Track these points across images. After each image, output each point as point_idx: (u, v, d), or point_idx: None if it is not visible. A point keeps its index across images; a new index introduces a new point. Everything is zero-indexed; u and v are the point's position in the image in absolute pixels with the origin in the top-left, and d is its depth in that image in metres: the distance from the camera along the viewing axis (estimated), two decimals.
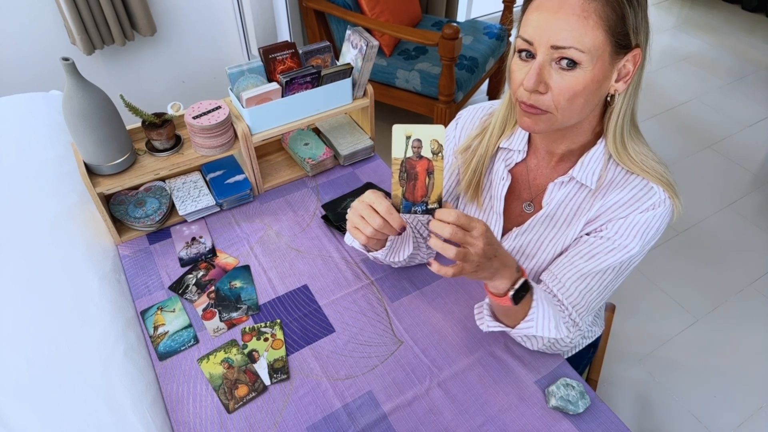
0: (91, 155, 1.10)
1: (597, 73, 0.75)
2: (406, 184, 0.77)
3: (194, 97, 2.61)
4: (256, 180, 1.31)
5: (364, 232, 0.84)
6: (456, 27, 1.97)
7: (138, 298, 1.10)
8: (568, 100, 0.77)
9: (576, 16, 0.71)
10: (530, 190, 0.98)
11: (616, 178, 0.89)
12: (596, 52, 0.73)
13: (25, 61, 2.20)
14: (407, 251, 1.02)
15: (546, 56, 0.75)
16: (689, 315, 1.93)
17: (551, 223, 0.94)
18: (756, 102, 2.97)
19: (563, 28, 0.72)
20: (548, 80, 0.76)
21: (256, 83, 1.23)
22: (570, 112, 0.79)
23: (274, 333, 1.03)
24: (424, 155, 0.76)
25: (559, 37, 0.72)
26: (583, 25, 0.72)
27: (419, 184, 0.77)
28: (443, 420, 0.90)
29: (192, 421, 0.90)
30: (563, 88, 0.76)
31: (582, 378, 0.96)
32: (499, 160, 0.98)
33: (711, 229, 2.25)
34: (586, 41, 0.72)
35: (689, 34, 3.60)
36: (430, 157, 0.75)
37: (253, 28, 2.52)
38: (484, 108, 1.04)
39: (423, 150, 0.76)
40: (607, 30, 0.73)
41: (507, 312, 0.87)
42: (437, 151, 0.75)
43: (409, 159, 0.76)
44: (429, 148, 0.75)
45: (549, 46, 0.74)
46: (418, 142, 0.75)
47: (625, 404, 1.69)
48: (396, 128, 0.75)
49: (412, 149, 0.76)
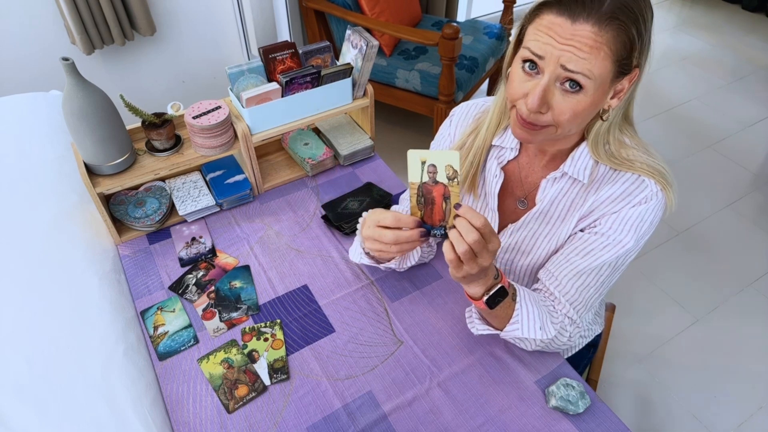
0: (91, 155, 1.10)
1: (597, 97, 0.77)
2: (424, 208, 0.78)
3: (194, 97, 2.61)
4: (256, 180, 1.31)
5: (391, 252, 0.84)
6: (456, 27, 1.97)
7: (138, 298, 1.10)
8: (569, 120, 0.78)
9: (588, 48, 0.72)
10: (523, 187, 0.99)
11: (608, 173, 0.90)
12: (601, 79, 0.75)
13: (25, 61, 2.20)
14: (417, 255, 1.03)
15: (552, 76, 0.75)
16: (689, 315, 1.93)
17: (545, 219, 0.95)
18: (756, 102, 2.97)
19: (575, 55, 0.72)
20: (551, 100, 0.77)
21: (256, 83, 1.23)
22: (569, 128, 0.80)
23: (274, 333, 1.03)
24: (439, 180, 0.76)
25: (570, 61, 0.73)
26: (595, 56, 0.72)
27: (437, 209, 0.78)
28: (443, 420, 0.90)
29: (192, 421, 0.90)
30: (564, 110, 0.77)
31: (582, 378, 0.96)
32: (491, 158, 0.99)
33: (711, 229, 2.25)
34: (595, 70, 0.73)
35: (689, 34, 3.60)
36: (446, 183, 0.76)
37: (253, 28, 2.52)
38: (477, 105, 1.04)
39: (438, 175, 0.76)
40: (614, 61, 0.74)
41: (491, 315, 0.89)
42: (452, 176, 0.75)
43: (425, 184, 0.77)
44: (444, 173, 0.75)
45: (559, 65, 0.74)
46: (433, 167, 0.75)
47: (625, 404, 1.69)
48: (411, 153, 0.76)
49: (428, 174, 0.76)
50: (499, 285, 0.83)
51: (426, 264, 1.15)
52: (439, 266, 1.15)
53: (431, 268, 1.15)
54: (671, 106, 2.93)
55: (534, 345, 0.93)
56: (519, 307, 0.87)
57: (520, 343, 0.94)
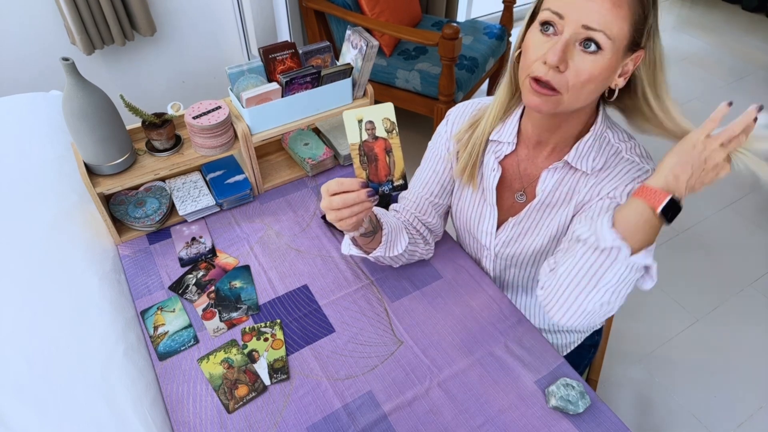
0: (91, 155, 1.10)
1: (613, 63, 0.77)
2: (368, 166, 0.79)
3: (194, 97, 2.62)
4: (256, 180, 1.31)
5: (345, 219, 0.82)
6: (456, 27, 1.97)
7: (138, 298, 1.10)
8: (583, 83, 0.77)
9: (611, 3, 0.72)
10: (521, 180, 0.99)
11: (608, 162, 0.91)
12: (618, 42, 0.75)
13: (25, 61, 2.20)
14: (403, 242, 1.02)
15: (573, 34, 0.75)
16: (689, 315, 1.93)
17: (546, 208, 0.96)
18: (756, 102, 2.95)
19: (597, 11, 0.73)
20: (570, 59, 0.76)
21: (256, 83, 1.23)
22: (578, 95, 0.79)
23: (274, 333, 1.03)
24: (379, 135, 0.77)
25: (592, 18, 0.73)
26: (616, 13, 0.73)
27: (381, 164, 0.79)
28: (443, 420, 0.90)
29: (192, 421, 0.90)
30: (581, 70, 0.76)
31: (582, 378, 0.96)
32: (489, 153, 0.99)
33: (711, 229, 2.25)
34: (614, 29, 0.73)
35: (689, 34, 3.60)
36: (385, 136, 0.77)
37: (253, 28, 2.52)
38: (473, 104, 1.04)
39: (377, 130, 0.77)
40: (632, 24, 0.74)
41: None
42: (390, 129, 0.77)
43: (365, 142, 0.78)
44: (382, 127, 0.77)
45: (580, 24, 0.74)
46: (371, 124, 0.77)
47: (625, 404, 1.69)
48: (346, 114, 0.77)
49: (366, 132, 0.77)
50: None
51: (426, 264, 1.15)
52: (439, 266, 1.15)
53: (431, 268, 1.15)
54: None
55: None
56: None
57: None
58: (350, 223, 0.83)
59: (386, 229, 0.98)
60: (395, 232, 1.01)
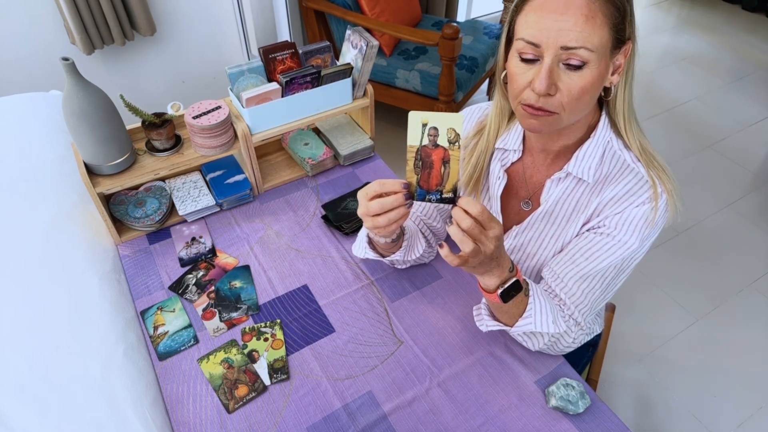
0: (91, 155, 1.10)
1: (602, 70, 0.76)
2: (420, 172, 0.76)
3: (194, 97, 2.61)
4: (256, 180, 1.31)
5: (382, 226, 0.80)
6: (456, 27, 1.97)
7: (138, 298, 1.10)
8: (577, 99, 0.77)
9: (584, 17, 0.71)
10: (527, 188, 0.98)
11: (612, 172, 0.89)
12: (602, 50, 0.74)
13: (25, 61, 2.20)
14: (421, 246, 1.02)
15: (554, 58, 0.74)
16: (689, 315, 1.93)
17: (551, 219, 0.95)
18: (756, 102, 2.97)
19: (572, 29, 0.72)
20: (557, 81, 0.76)
21: (256, 83, 1.23)
22: (576, 109, 0.79)
23: (274, 333, 1.03)
24: (440, 144, 0.74)
25: (569, 38, 0.72)
26: (592, 24, 0.72)
27: (434, 173, 0.75)
28: (443, 420, 0.90)
29: (192, 421, 0.90)
30: (572, 88, 0.76)
31: (582, 378, 0.96)
32: (495, 160, 0.99)
33: (711, 229, 2.25)
34: (594, 40, 0.72)
35: (689, 34, 3.60)
36: (447, 146, 0.73)
37: (253, 28, 2.52)
38: (481, 108, 1.04)
39: (439, 138, 0.74)
40: (611, 27, 0.74)
41: (503, 310, 0.88)
42: (454, 140, 0.73)
43: (424, 147, 0.74)
44: (445, 136, 0.73)
45: (558, 47, 0.73)
46: (435, 130, 0.73)
47: (625, 404, 1.69)
48: (412, 115, 0.73)
49: (428, 137, 0.74)
50: (514, 278, 0.82)
51: (426, 264, 1.15)
52: (439, 266, 1.15)
53: (431, 268, 1.15)
54: (671, 106, 2.92)
55: (541, 343, 0.93)
56: (532, 300, 0.86)
57: (528, 341, 0.94)
58: (388, 231, 0.82)
59: (407, 233, 0.98)
60: (414, 236, 1.01)
